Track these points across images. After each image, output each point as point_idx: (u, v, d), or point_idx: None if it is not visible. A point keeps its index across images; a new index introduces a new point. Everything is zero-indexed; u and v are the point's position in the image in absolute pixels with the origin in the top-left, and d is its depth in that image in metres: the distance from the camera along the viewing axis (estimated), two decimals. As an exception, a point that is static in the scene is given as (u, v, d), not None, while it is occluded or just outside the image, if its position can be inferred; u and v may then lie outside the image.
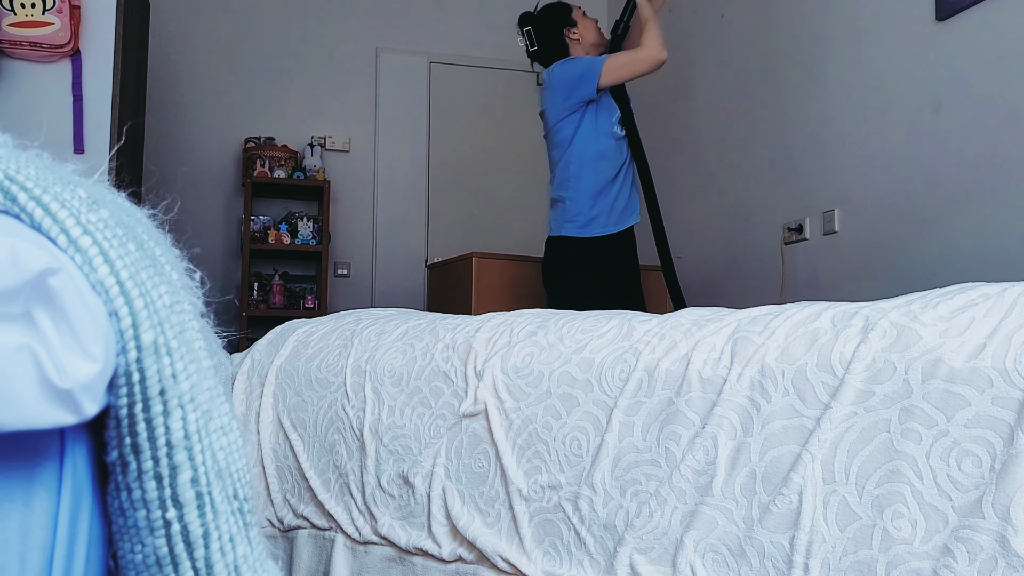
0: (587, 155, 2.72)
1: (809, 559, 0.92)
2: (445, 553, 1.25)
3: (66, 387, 0.41)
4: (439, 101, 5.06)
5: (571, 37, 2.84)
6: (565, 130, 2.74)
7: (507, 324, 1.38)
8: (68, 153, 2.71)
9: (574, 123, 2.72)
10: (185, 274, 0.54)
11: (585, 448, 1.15)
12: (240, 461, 0.51)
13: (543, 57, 2.87)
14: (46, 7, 2.67)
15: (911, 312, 0.98)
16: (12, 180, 0.44)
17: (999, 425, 0.84)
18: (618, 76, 2.67)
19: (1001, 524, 0.80)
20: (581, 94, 2.69)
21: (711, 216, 3.89)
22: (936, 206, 2.64)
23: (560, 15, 2.86)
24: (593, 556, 1.11)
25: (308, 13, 4.87)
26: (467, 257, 3.18)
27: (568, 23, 2.84)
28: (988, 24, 2.48)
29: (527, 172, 5.03)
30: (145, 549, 0.46)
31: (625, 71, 2.66)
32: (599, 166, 2.72)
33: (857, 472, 0.91)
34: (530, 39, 2.87)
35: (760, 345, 1.06)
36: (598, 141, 2.72)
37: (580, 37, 2.84)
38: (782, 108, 3.42)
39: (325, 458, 1.45)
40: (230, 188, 4.75)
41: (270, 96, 4.79)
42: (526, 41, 2.88)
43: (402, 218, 4.94)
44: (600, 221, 2.73)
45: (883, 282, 2.76)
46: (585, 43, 2.84)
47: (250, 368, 1.63)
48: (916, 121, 2.73)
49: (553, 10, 2.88)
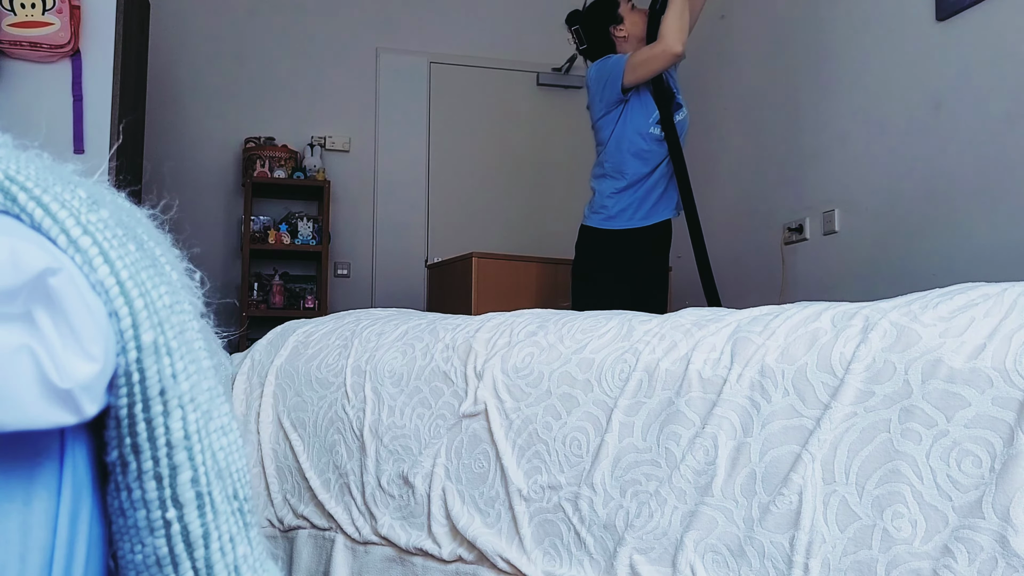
0: (622, 152, 2.72)
1: (809, 559, 0.92)
2: (445, 553, 1.25)
3: (66, 387, 0.41)
4: (439, 101, 5.06)
5: (617, 35, 2.81)
6: (605, 128, 2.76)
7: (507, 324, 1.38)
8: (68, 153, 2.71)
9: (612, 121, 2.73)
10: (185, 274, 0.54)
11: (585, 448, 1.15)
12: (240, 461, 0.51)
13: (593, 55, 2.87)
14: (46, 7, 2.67)
15: (911, 312, 0.98)
16: (12, 180, 0.44)
17: (999, 425, 0.84)
18: (639, 75, 2.63)
19: (1001, 524, 0.80)
20: (611, 94, 2.69)
21: (711, 216, 3.88)
22: (936, 206, 2.64)
23: (606, 13, 2.83)
24: (593, 556, 1.11)
25: (308, 13, 4.87)
26: (467, 257, 3.18)
27: (614, 20, 2.81)
28: (988, 24, 2.48)
29: (527, 172, 5.03)
30: (145, 549, 0.46)
31: (644, 70, 2.62)
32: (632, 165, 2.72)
33: (857, 472, 0.91)
34: (579, 38, 2.87)
35: (760, 345, 1.06)
36: (633, 141, 2.71)
37: (627, 33, 2.81)
38: (782, 108, 3.42)
39: (325, 458, 1.45)
40: (230, 188, 4.75)
41: (270, 96, 4.79)
42: (575, 40, 2.88)
43: (402, 218, 4.94)
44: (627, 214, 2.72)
45: (883, 282, 2.76)
46: (633, 38, 2.80)
47: (250, 368, 1.63)
48: (916, 121, 2.73)
49: (600, 8, 2.86)
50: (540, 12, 5.08)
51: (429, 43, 5.04)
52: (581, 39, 2.86)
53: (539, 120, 5.08)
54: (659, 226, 2.77)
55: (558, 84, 5.12)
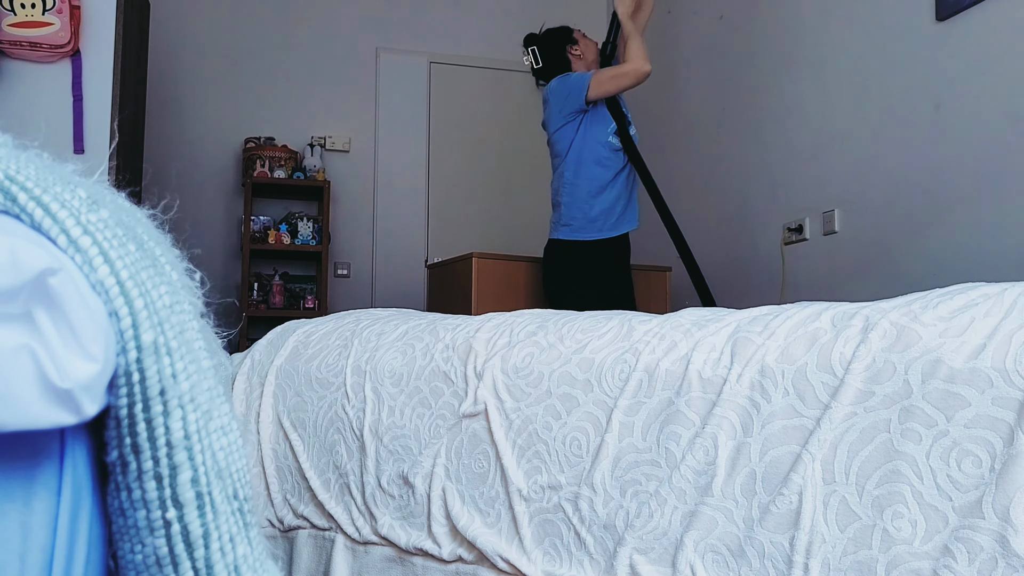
0: (582, 161, 2.85)
1: (809, 559, 0.91)
2: (445, 553, 1.25)
3: (66, 387, 0.41)
4: (439, 101, 5.06)
5: (573, 53, 3.01)
6: (563, 140, 2.89)
7: (507, 324, 1.38)
8: (68, 153, 2.71)
9: (570, 132, 2.86)
10: (185, 274, 0.54)
11: (585, 448, 1.15)
12: (240, 461, 0.51)
13: (547, 74, 3.03)
14: (46, 7, 2.67)
15: (911, 312, 0.98)
16: (12, 180, 0.44)
17: (999, 425, 0.84)
18: (605, 89, 2.80)
19: (1001, 524, 0.80)
20: (572, 105, 2.84)
21: (711, 216, 3.89)
22: (936, 206, 2.64)
23: (563, 34, 3.04)
24: (593, 556, 1.11)
25: (308, 13, 4.87)
26: (467, 257, 3.18)
27: (570, 41, 3.02)
28: (988, 24, 2.48)
29: (527, 172, 5.03)
30: (145, 549, 0.46)
31: (611, 85, 2.79)
32: (594, 171, 2.85)
33: (857, 472, 0.91)
34: (535, 57, 3.04)
35: (760, 345, 1.06)
36: (594, 149, 2.85)
37: (582, 54, 3.01)
38: (782, 108, 3.42)
39: (325, 458, 1.45)
40: (230, 188, 4.75)
41: (270, 96, 4.79)
42: (531, 59, 3.05)
43: (402, 218, 4.94)
44: (596, 225, 2.84)
45: (883, 282, 2.76)
46: (587, 59, 3.01)
47: (250, 368, 1.63)
48: (916, 121, 2.73)
49: (556, 31, 3.06)
50: (540, 12, 5.07)
51: (429, 43, 5.04)
52: (537, 59, 3.03)
53: (539, 120, 5.07)
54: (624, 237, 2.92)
55: (558, 84, 5.12)
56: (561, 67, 2.99)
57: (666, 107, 4.21)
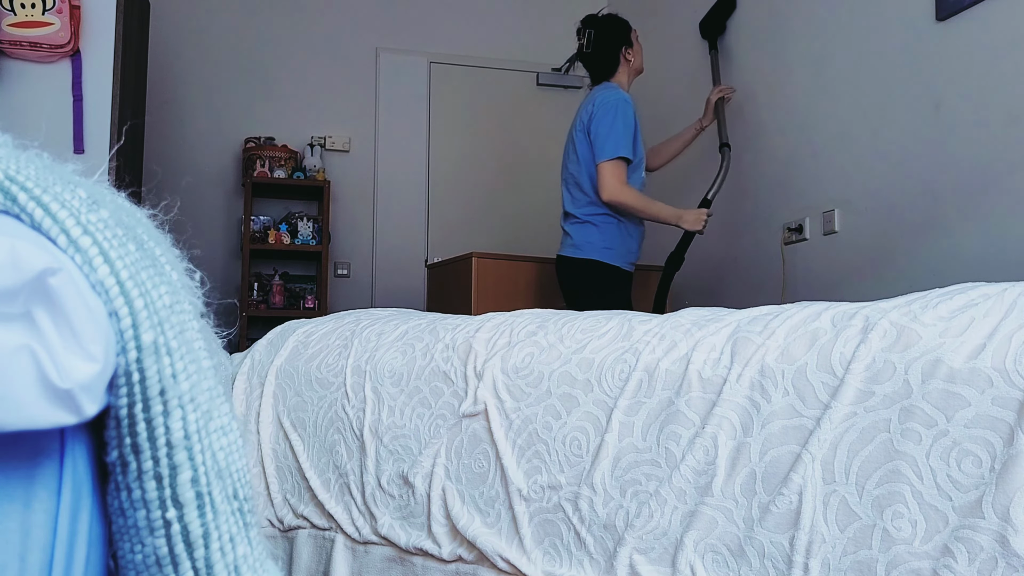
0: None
1: (809, 559, 0.92)
2: (445, 553, 1.25)
3: (66, 387, 0.41)
4: (439, 101, 5.06)
5: (626, 57, 2.94)
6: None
7: (507, 324, 1.38)
8: (68, 153, 2.71)
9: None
10: (185, 274, 0.54)
11: (585, 448, 1.15)
12: (240, 461, 0.51)
13: (593, 63, 2.96)
14: (46, 7, 2.67)
15: (911, 312, 0.98)
16: (12, 180, 0.44)
17: (999, 425, 0.84)
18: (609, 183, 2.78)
19: (1001, 524, 0.80)
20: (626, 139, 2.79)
21: (711, 216, 3.88)
22: (936, 206, 2.64)
23: (623, 32, 2.95)
24: (593, 556, 1.11)
25: (308, 13, 4.87)
26: (467, 257, 3.18)
27: (627, 43, 2.94)
28: (988, 24, 2.48)
29: (527, 172, 5.03)
30: (145, 549, 0.46)
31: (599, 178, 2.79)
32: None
33: (857, 472, 0.91)
34: (589, 41, 2.93)
35: (760, 345, 1.06)
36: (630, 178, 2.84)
37: (632, 59, 2.95)
38: (782, 108, 3.42)
39: (325, 458, 1.45)
40: (230, 188, 4.74)
41: (270, 96, 4.78)
42: (583, 41, 2.94)
43: (402, 218, 4.93)
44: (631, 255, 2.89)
45: (883, 282, 2.76)
46: (633, 66, 2.96)
47: (250, 368, 1.63)
48: (916, 121, 2.73)
49: (619, 24, 2.97)
50: (540, 12, 5.08)
51: (429, 43, 5.04)
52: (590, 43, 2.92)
53: (539, 120, 5.08)
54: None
55: (558, 84, 5.12)
56: (608, 65, 2.92)
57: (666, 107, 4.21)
